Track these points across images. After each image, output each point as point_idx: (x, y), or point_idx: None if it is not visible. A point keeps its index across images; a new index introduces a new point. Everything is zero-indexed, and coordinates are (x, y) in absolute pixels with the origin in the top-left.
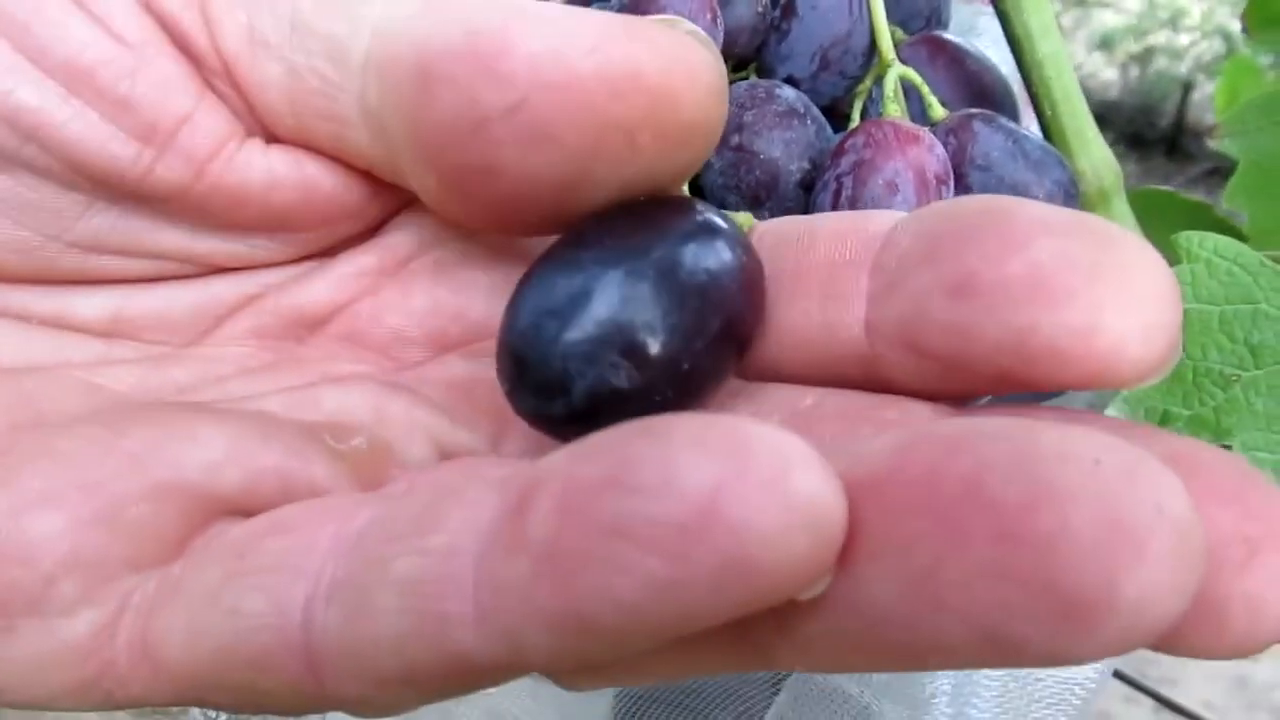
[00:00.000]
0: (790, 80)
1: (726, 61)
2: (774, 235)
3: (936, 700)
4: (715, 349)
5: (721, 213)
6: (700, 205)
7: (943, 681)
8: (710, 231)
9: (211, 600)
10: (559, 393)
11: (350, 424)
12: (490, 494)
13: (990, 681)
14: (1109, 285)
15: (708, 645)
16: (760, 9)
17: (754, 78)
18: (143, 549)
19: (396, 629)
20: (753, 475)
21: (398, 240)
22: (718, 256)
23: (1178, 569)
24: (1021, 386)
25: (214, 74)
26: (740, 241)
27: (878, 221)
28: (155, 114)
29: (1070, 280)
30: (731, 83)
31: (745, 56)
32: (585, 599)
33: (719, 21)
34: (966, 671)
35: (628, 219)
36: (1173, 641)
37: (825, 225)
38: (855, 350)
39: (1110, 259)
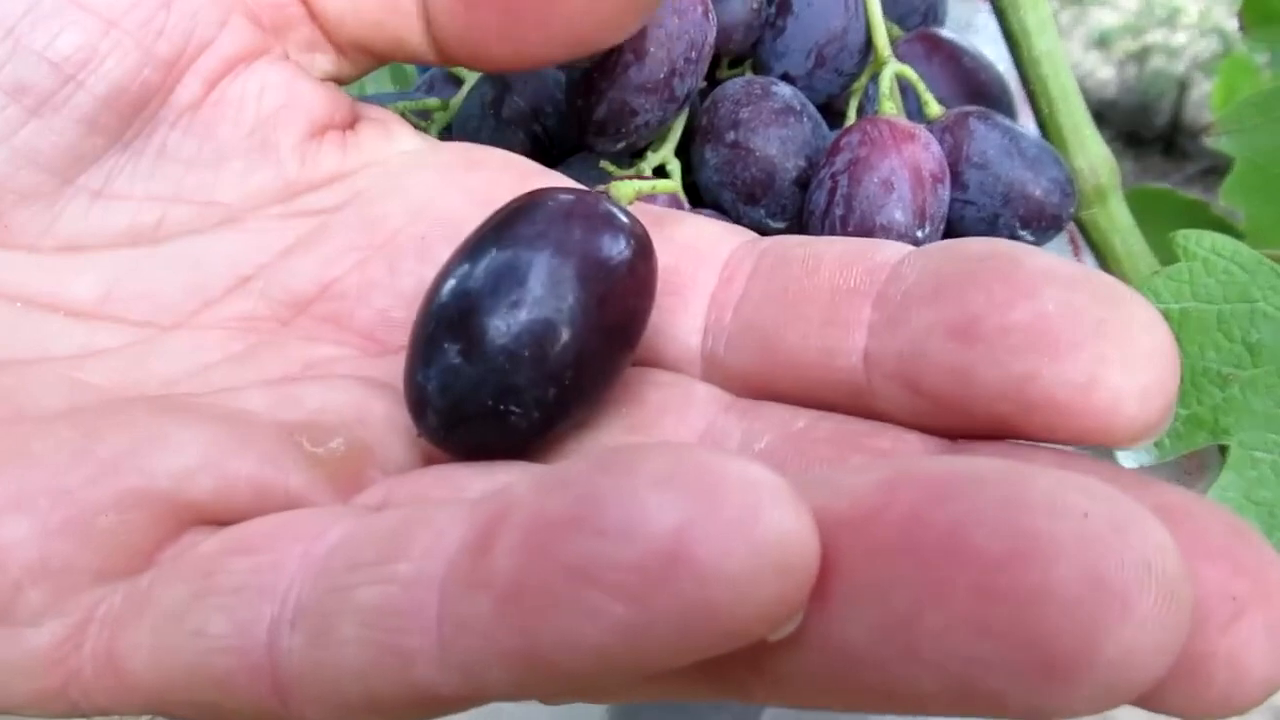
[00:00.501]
0: (786, 77)
1: (721, 58)
2: (776, 253)
3: None
4: (585, 335)
5: (618, 210)
6: (601, 201)
7: None
8: (587, 223)
9: (177, 620)
10: (426, 410)
11: (330, 424)
12: (458, 521)
13: None
14: (1112, 342)
15: (681, 678)
16: (755, 5)
17: (749, 74)
18: (111, 559)
19: (359, 659)
20: (721, 515)
21: (385, 211)
22: (590, 245)
23: (1163, 628)
24: (1015, 434)
25: None
26: (623, 231)
27: (885, 253)
28: (185, 39)
29: (1074, 333)
30: (727, 80)
31: (741, 53)
32: (547, 641)
33: (711, 17)
34: None
35: (517, 225)
36: (1151, 698)
37: (831, 250)
38: (851, 379)
39: (1115, 316)
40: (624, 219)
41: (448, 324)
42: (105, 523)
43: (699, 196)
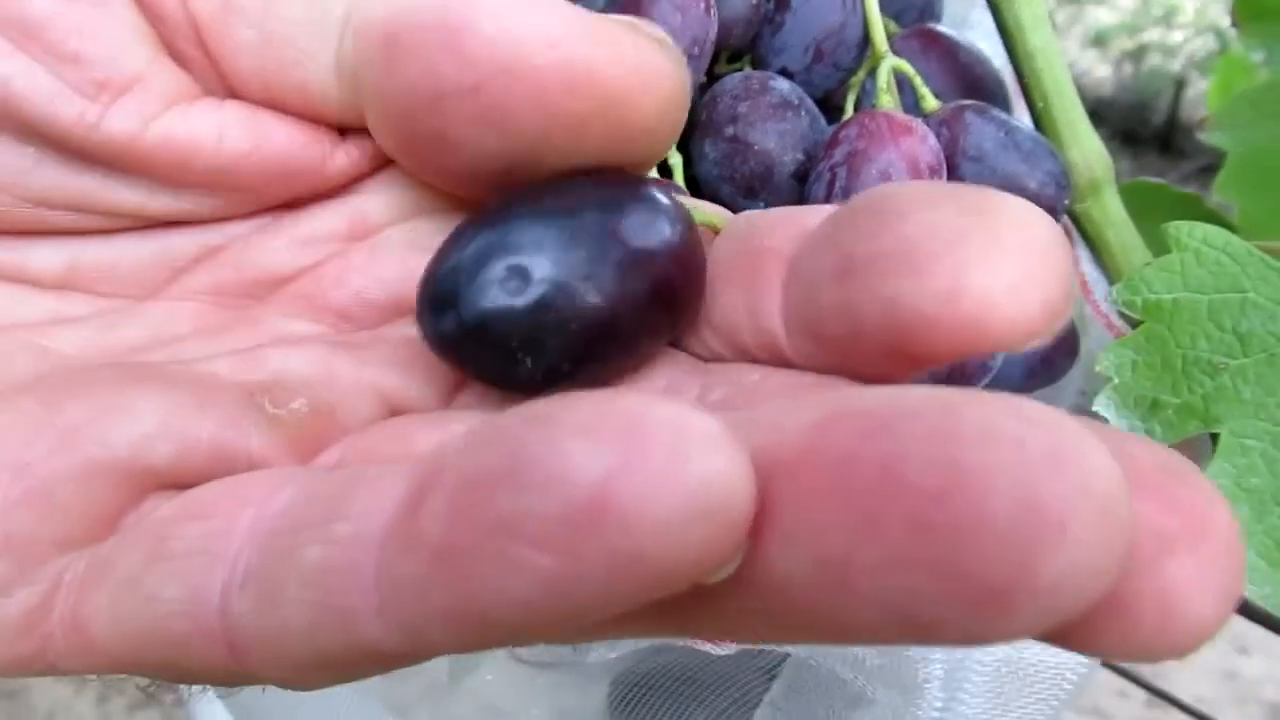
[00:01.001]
0: (784, 72)
1: (720, 53)
2: (733, 225)
3: (929, 685)
4: (628, 297)
5: (669, 191)
6: (650, 181)
7: (935, 668)
8: (642, 199)
9: (132, 585)
10: (450, 307)
11: (292, 385)
12: (399, 480)
13: (982, 669)
14: (972, 248)
15: (627, 615)
16: (755, 1)
17: (748, 69)
18: (74, 528)
19: (304, 619)
20: (646, 462)
21: (372, 207)
22: (643, 217)
23: (1100, 550)
24: (909, 361)
25: (181, 37)
26: (673, 214)
27: (813, 215)
28: (105, 71)
29: (934, 247)
30: (726, 75)
31: (740, 48)
32: (478, 597)
33: (713, 13)
34: (959, 658)
35: (570, 181)
36: (1081, 638)
37: (766, 216)
38: (772, 340)
39: (978, 223)
40: (674, 206)
41: (505, 244)
42: (65, 493)
43: (699, 190)
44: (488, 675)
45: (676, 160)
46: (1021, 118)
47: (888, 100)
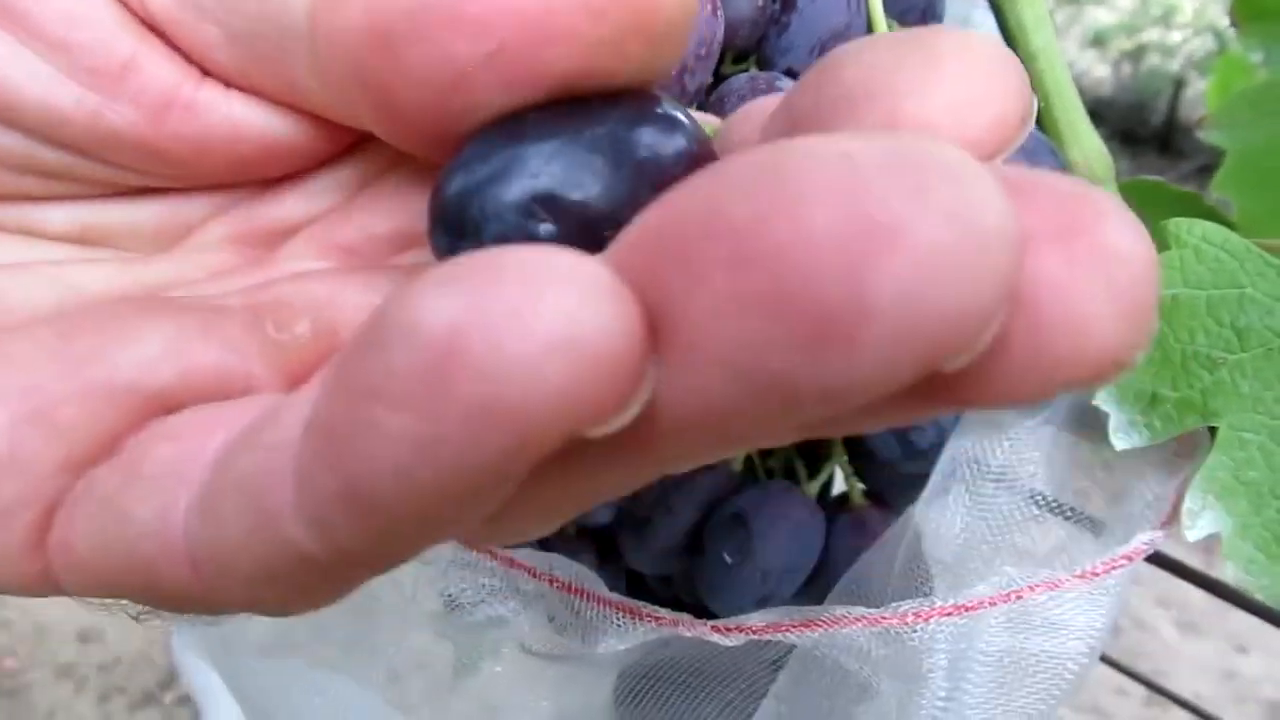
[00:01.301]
0: (790, 72)
1: (726, 54)
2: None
3: (933, 675)
4: None
5: (680, 107)
6: (660, 95)
7: (939, 658)
8: (660, 114)
9: (109, 505)
10: (470, 232)
11: (298, 306)
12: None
13: (985, 659)
14: (910, 79)
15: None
16: (761, 2)
17: (754, 70)
18: (76, 450)
19: (240, 528)
20: (499, 303)
21: (379, 157)
22: (661, 134)
23: (954, 260)
24: None
25: (153, 31)
26: (690, 131)
27: (776, 98)
28: (96, 59)
29: (871, 86)
30: (732, 75)
31: (745, 49)
32: (356, 471)
33: (719, 14)
34: (961, 649)
35: (584, 98)
36: (954, 385)
37: (741, 110)
38: None
39: (917, 57)
40: (690, 124)
41: (531, 168)
42: (68, 414)
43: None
44: (497, 667)
45: None
46: None
47: None
